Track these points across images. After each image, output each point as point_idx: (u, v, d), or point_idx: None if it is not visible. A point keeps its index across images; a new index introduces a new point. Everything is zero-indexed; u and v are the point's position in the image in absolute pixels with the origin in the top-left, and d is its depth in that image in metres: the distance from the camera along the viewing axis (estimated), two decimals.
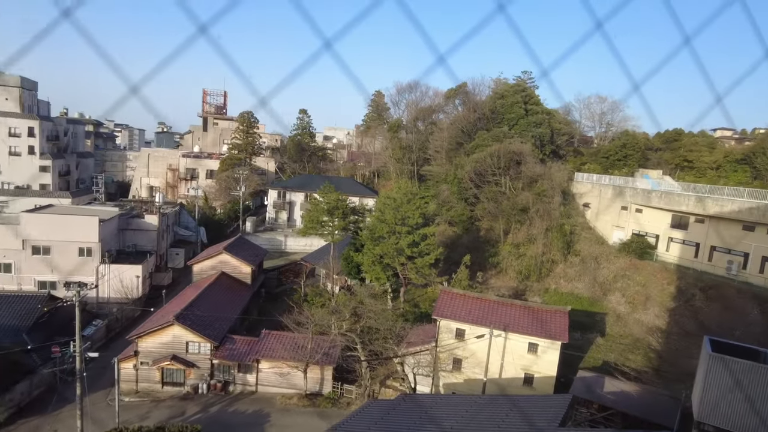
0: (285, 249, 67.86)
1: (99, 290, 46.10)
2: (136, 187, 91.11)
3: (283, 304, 44.42)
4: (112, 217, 52.43)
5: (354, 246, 48.11)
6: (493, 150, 55.56)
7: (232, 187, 76.40)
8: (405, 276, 42.91)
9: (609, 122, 79.27)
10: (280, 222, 75.04)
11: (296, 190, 75.17)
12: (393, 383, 36.06)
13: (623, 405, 28.18)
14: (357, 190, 72.55)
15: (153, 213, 57.04)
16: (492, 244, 53.37)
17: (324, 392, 35.11)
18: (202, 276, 46.89)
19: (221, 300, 41.30)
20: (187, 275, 52.28)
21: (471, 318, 33.55)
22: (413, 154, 77.12)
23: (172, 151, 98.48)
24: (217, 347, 35.00)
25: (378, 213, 45.73)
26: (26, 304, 38.80)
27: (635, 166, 62.19)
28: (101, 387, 33.83)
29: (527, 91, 70.19)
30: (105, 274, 48.40)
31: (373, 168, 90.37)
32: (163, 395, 34.45)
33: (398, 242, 41.79)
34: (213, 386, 34.95)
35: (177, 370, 34.89)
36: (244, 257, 48.36)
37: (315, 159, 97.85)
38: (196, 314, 35.88)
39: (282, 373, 34.83)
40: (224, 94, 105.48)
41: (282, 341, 36.04)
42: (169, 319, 34.31)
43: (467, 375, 33.90)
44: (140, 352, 34.66)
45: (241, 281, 47.15)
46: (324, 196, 49.54)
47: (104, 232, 49.56)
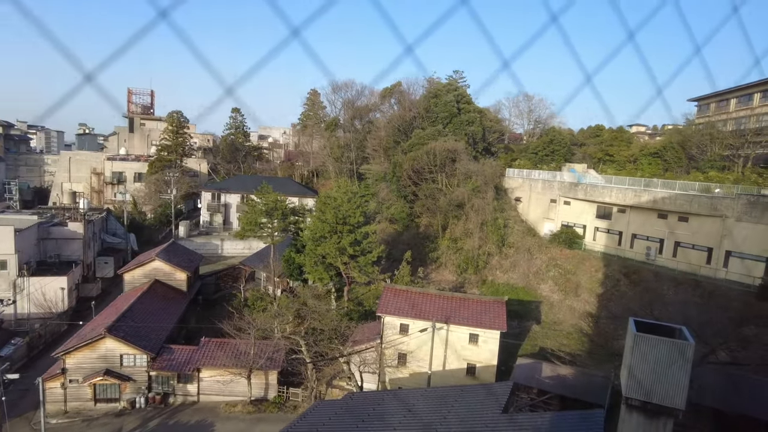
0: (222, 253, 65.85)
1: (17, 305, 42.78)
2: (56, 193, 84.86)
3: (222, 311, 43.15)
4: (29, 226, 48.64)
5: (295, 247, 47.58)
6: (429, 148, 56.85)
7: (162, 191, 73.05)
8: (348, 275, 43.01)
9: (537, 119, 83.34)
10: (216, 225, 72.70)
11: (231, 192, 73.11)
12: (340, 383, 36.09)
13: (560, 388, 29.87)
14: (296, 190, 71.65)
15: (77, 220, 53.46)
16: (431, 239, 54.63)
17: (269, 397, 34.54)
18: (134, 285, 44.60)
19: (156, 309, 39.51)
20: (118, 285, 49.51)
21: (414, 312, 34.23)
22: (351, 153, 77.26)
23: (96, 154, 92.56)
24: (154, 358, 33.50)
25: (318, 213, 45.48)
26: None
27: (562, 160, 65.86)
28: (24, 410, 31.45)
29: (459, 90, 72.28)
30: (24, 287, 44.87)
31: (312, 167, 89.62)
32: (96, 413, 32.52)
33: (340, 241, 41.81)
34: (151, 399, 33.43)
35: (111, 385, 33.05)
36: (178, 263, 46.47)
37: (250, 159, 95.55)
38: (130, 325, 34.14)
39: (225, 381, 33.91)
40: (151, 93, 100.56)
41: (223, 348, 35.05)
42: (101, 331, 32.41)
43: (412, 369, 34.57)
44: (68, 369, 32.49)
45: (176, 289, 45.30)
46: (261, 197, 48.57)
47: (21, 242, 45.89)
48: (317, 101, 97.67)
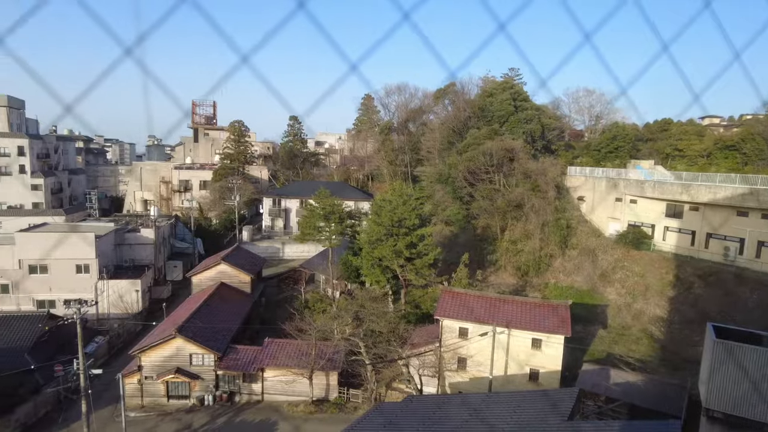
0: (283, 256, 67.78)
1: (99, 306, 45.86)
2: (129, 202, 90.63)
3: (284, 312, 44.37)
4: (107, 233, 52.20)
5: (352, 250, 48.17)
6: (485, 148, 55.87)
7: (226, 197, 76.17)
8: (404, 278, 43.01)
9: (598, 115, 79.93)
10: (277, 229, 74.92)
11: (291, 197, 75.11)
12: (399, 385, 36.10)
13: (630, 396, 28.40)
14: (352, 194, 72.60)
15: (148, 227, 56.83)
16: (489, 241, 53.61)
17: (330, 398, 35.09)
18: (201, 287, 46.75)
19: (222, 310, 41.19)
20: (187, 287, 52.09)
21: (473, 316, 33.69)
22: (406, 155, 77.33)
23: (164, 163, 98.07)
24: (220, 358, 34.92)
25: (374, 216, 45.82)
26: (26, 324, 38.51)
27: (626, 157, 62.70)
28: (106, 403, 33.64)
29: (515, 87, 70.64)
30: (104, 290, 48.19)
31: (367, 171, 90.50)
32: (169, 408, 34.31)
33: (396, 244, 41.88)
34: (219, 397, 34.84)
35: (182, 382, 34.76)
36: (242, 266, 48.27)
37: (308, 165, 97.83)
38: (198, 326, 35.77)
39: (287, 381, 34.78)
40: (213, 104, 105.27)
41: (285, 349, 35.99)
42: (171, 332, 34.19)
43: (472, 374, 34.02)
44: (144, 366, 34.51)
45: (241, 291, 47.06)
46: (319, 202, 49.57)
47: (101, 248, 49.34)
48: (371, 106, 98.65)
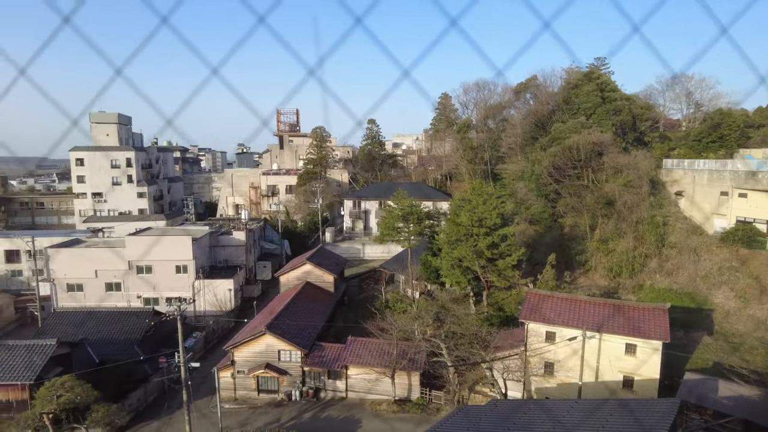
0: (363, 257, 69.01)
1: (196, 304, 49.31)
2: (222, 206, 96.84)
3: (365, 311, 45.10)
4: (203, 236, 56.04)
5: (431, 250, 47.88)
6: (572, 142, 53.15)
7: (310, 200, 79.04)
8: (487, 279, 42.00)
9: (698, 102, 73.19)
10: (357, 231, 76.41)
11: (370, 199, 76.27)
12: (482, 389, 35.32)
13: (744, 411, 25.60)
14: (430, 194, 72.32)
15: (240, 229, 60.28)
16: (578, 241, 50.91)
17: (412, 398, 35.09)
18: (288, 286, 48.80)
19: (308, 309, 42.66)
20: (275, 286, 54.61)
21: (561, 320, 32.14)
22: (485, 153, 75.64)
23: (252, 170, 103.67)
24: (306, 355, 36.15)
25: (453, 216, 45.22)
26: (135, 319, 42.38)
27: (734, 146, 56.75)
28: (204, 395, 36.07)
29: (602, 77, 66.59)
30: (200, 288, 51.76)
31: (445, 171, 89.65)
32: (259, 402, 36.09)
33: (476, 244, 41.02)
34: (305, 393, 36.09)
35: (271, 377, 36.42)
36: (326, 266, 49.74)
37: (386, 167, 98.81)
38: (286, 323, 37.31)
39: (370, 379, 35.25)
40: (296, 112, 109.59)
41: (368, 347, 36.52)
42: (261, 329, 35.94)
43: (560, 379, 32.45)
44: (236, 361, 36.57)
45: (325, 290, 48.51)
46: (397, 203, 49.82)
47: (197, 249, 53.08)
48: (448, 104, 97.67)
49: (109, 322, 41.71)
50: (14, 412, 30.58)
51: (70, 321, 42.20)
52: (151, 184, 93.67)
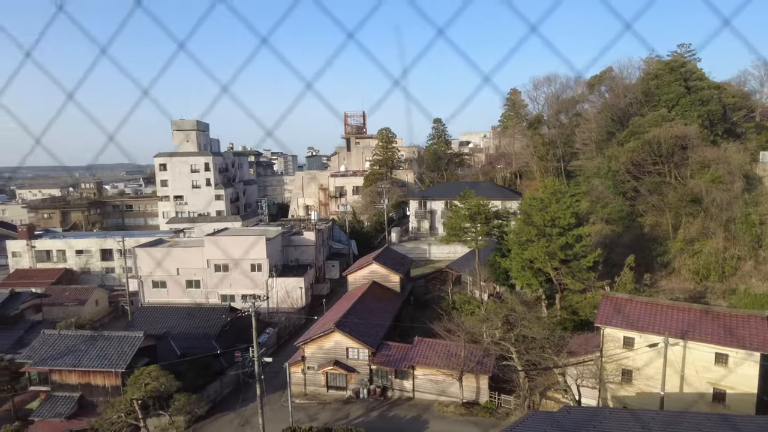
0: (429, 257, 68.65)
1: (269, 301, 51.28)
2: (293, 207, 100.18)
3: (431, 312, 44.79)
4: (276, 236, 58.19)
5: (500, 251, 46.69)
6: (652, 136, 49.86)
7: (376, 201, 79.84)
8: (559, 281, 40.32)
9: None
10: (423, 231, 76.15)
11: (436, 199, 75.74)
12: (554, 395, 33.91)
13: None
14: (498, 194, 70.62)
15: (310, 230, 62.01)
16: (659, 241, 47.65)
17: (481, 401, 34.38)
18: (355, 285, 49.53)
19: (374, 308, 43.04)
20: (343, 285, 55.65)
21: (640, 325, 30.14)
22: (558, 149, 72.77)
23: (321, 172, 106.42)
24: (374, 353, 36.46)
25: (523, 215, 43.82)
26: (213, 314, 44.77)
27: None
28: (276, 389, 37.39)
29: (687, 66, 61.86)
30: (273, 286, 53.76)
31: (514, 169, 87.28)
32: (328, 398, 36.86)
33: (549, 245, 39.46)
34: (373, 391, 36.40)
35: (339, 374, 37.08)
36: (392, 266, 49.97)
37: (452, 166, 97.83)
38: (354, 321, 37.84)
39: (437, 381, 34.94)
40: (363, 114, 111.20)
41: (435, 349, 36.22)
42: (330, 326, 36.70)
43: (640, 388, 30.45)
44: (306, 357, 37.58)
45: (391, 289, 48.74)
46: (464, 202, 49.04)
47: (270, 249, 55.18)
48: (518, 100, 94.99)
49: (189, 317, 44.39)
50: (110, 396, 33.28)
51: (155, 315, 45.36)
52: (228, 186, 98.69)
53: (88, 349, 34.81)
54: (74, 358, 34.32)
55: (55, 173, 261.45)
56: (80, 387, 34.36)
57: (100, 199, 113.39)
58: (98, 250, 67.69)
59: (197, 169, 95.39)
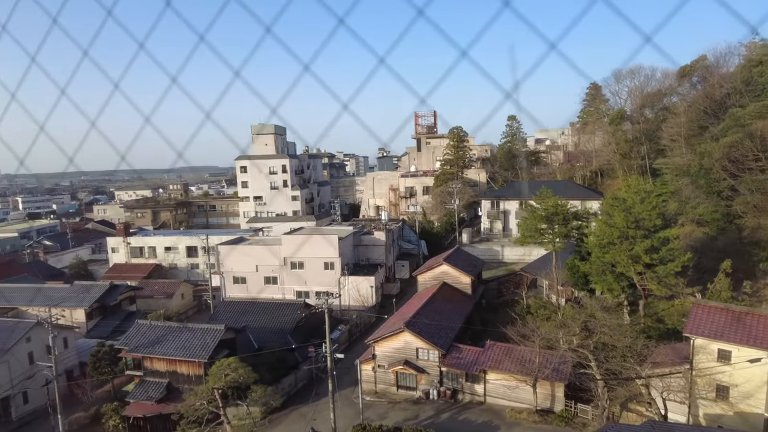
0: (502, 259, 66.90)
1: (341, 299, 52.34)
2: (364, 208, 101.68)
3: (504, 316, 43.56)
4: (348, 235, 59.34)
5: (579, 254, 44.51)
6: (754, 129, 45.32)
7: (446, 201, 79.08)
8: (644, 287, 37.72)
9: None
10: (495, 232, 74.38)
11: (510, 199, 73.68)
12: (637, 407, 31.77)
13: None
14: (577, 193, 67.41)
15: (380, 230, 62.61)
16: (762, 246, 43.19)
17: (556, 410, 32.93)
18: (425, 286, 49.30)
19: (445, 309, 42.59)
20: (412, 285, 55.62)
21: (738, 337, 27.46)
22: (642, 146, 68.29)
23: (392, 173, 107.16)
24: (444, 355, 36.06)
25: (605, 216, 41.45)
26: (289, 310, 46.43)
27: None
28: (347, 385, 38.03)
29: None
30: (345, 284, 54.83)
31: (594, 167, 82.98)
32: (397, 397, 36.93)
33: (633, 248, 37.02)
34: (443, 393, 36.02)
35: (409, 374, 37.05)
36: (463, 268, 49.20)
37: (527, 164, 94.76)
38: (424, 322, 37.66)
39: (510, 386, 33.91)
40: (434, 114, 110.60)
41: (508, 353, 35.20)
42: (400, 326, 36.77)
43: (738, 407, 27.74)
44: (377, 355, 37.90)
45: (461, 291, 48.01)
46: (540, 202, 47.24)
47: (343, 248, 56.35)
48: (598, 95, 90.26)
49: (266, 312, 46.34)
50: (193, 384, 35.48)
51: (235, 309, 47.82)
52: (303, 187, 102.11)
53: (175, 339, 37.35)
54: (163, 347, 36.96)
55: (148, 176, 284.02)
56: (168, 374, 36.94)
57: (186, 199, 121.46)
58: (184, 247, 72.55)
59: (275, 171, 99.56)
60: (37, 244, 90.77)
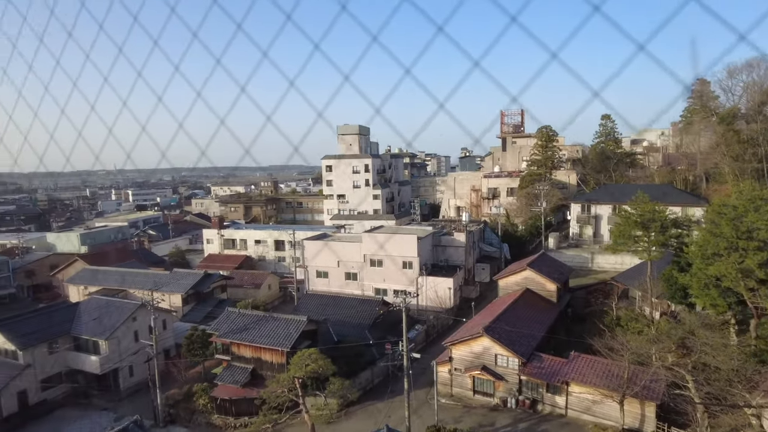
0: (591, 267, 63.26)
1: (418, 299, 52.26)
2: (444, 208, 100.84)
3: (591, 327, 41.16)
4: (427, 235, 59.13)
5: (678, 265, 40.87)
6: None
7: (532, 204, 76.18)
8: (756, 305, 33.82)
9: None
10: (585, 238, 70.47)
11: (602, 203, 69.42)
12: None
13: None
14: (677, 199, 62.09)
15: (460, 231, 61.71)
16: None
17: (645, 430, 30.54)
18: (507, 291, 47.86)
19: (527, 316, 41.08)
20: (493, 290, 54.25)
21: None
22: (759, 148, 61.40)
23: (474, 173, 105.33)
24: (524, 363, 34.77)
25: (710, 225, 37.70)
26: (368, 306, 47.17)
27: None
28: (422, 385, 37.91)
29: None
30: (423, 284, 54.68)
31: (699, 171, 75.85)
32: (473, 403, 36.18)
33: (743, 261, 33.31)
34: (521, 402, 34.76)
35: (486, 380, 36.14)
36: (548, 274, 47.17)
37: (622, 167, 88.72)
38: (504, 328, 36.56)
39: (594, 401, 31.97)
40: (521, 112, 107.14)
41: (593, 366, 33.21)
42: (479, 330, 35.97)
43: None
44: (453, 358, 37.38)
45: (545, 299, 46.06)
46: (636, 207, 43.97)
47: (421, 248, 56.24)
48: (706, 91, 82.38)
49: (346, 307, 47.43)
50: (275, 372, 37.13)
51: (317, 302, 49.43)
52: (384, 187, 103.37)
53: (261, 327, 39.31)
54: (249, 335, 39.05)
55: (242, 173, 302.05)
56: (253, 360, 38.97)
57: (275, 196, 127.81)
58: (273, 240, 76.24)
59: (358, 171, 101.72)
60: (143, 234, 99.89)
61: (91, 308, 45.34)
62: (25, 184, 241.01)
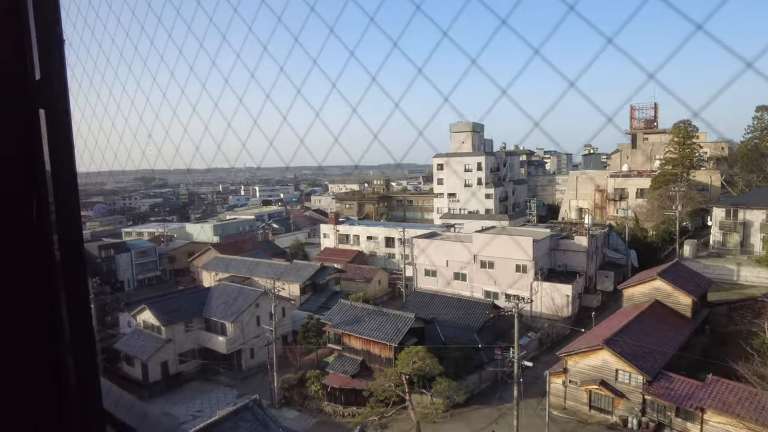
0: (737, 280, 55.36)
1: (532, 305, 49.83)
2: (565, 209, 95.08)
3: (735, 348, 35.93)
4: (543, 238, 56.18)
5: None
6: None
7: (665, 207, 68.78)
8: None
9: None
10: (730, 247, 61.86)
11: (753, 208, 60.37)
12: None
13: None
14: None
15: (582, 234, 57.72)
16: None
17: None
18: (632, 302, 43.76)
19: (655, 331, 37.18)
20: (617, 300, 49.97)
21: None
22: None
23: (599, 172, 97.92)
24: (650, 382, 31.49)
25: None
26: (476, 308, 46.06)
27: None
28: (533, 395, 36.02)
29: None
30: (537, 290, 52.02)
31: None
32: (589, 419, 33.62)
33: None
34: (644, 424, 31.54)
35: (605, 396, 33.37)
36: (682, 286, 42.23)
37: None
38: (627, 342, 33.46)
39: None
40: (654, 106, 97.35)
41: (737, 394, 28.99)
42: (599, 343, 33.32)
43: None
44: (569, 370, 35.05)
45: (678, 313, 41.28)
46: None
47: (537, 251, 53.55)
48: None
49: (454, 307, 46.75)
50: (383, 366, 37.80)
51: (424, 300, 49.42)
52: (498, 186, 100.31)
53: (370, 321, 40.27)
54: (360, 327, 40.21)
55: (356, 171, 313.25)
56: (362, 352, 40.07)
57: (387, 194, 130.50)
58: (383, 237, 77.90)
59: (470, 169, 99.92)
60: (267, 226, 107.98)
61: (221, 293, 50.04)
62: (170, 179, 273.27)
